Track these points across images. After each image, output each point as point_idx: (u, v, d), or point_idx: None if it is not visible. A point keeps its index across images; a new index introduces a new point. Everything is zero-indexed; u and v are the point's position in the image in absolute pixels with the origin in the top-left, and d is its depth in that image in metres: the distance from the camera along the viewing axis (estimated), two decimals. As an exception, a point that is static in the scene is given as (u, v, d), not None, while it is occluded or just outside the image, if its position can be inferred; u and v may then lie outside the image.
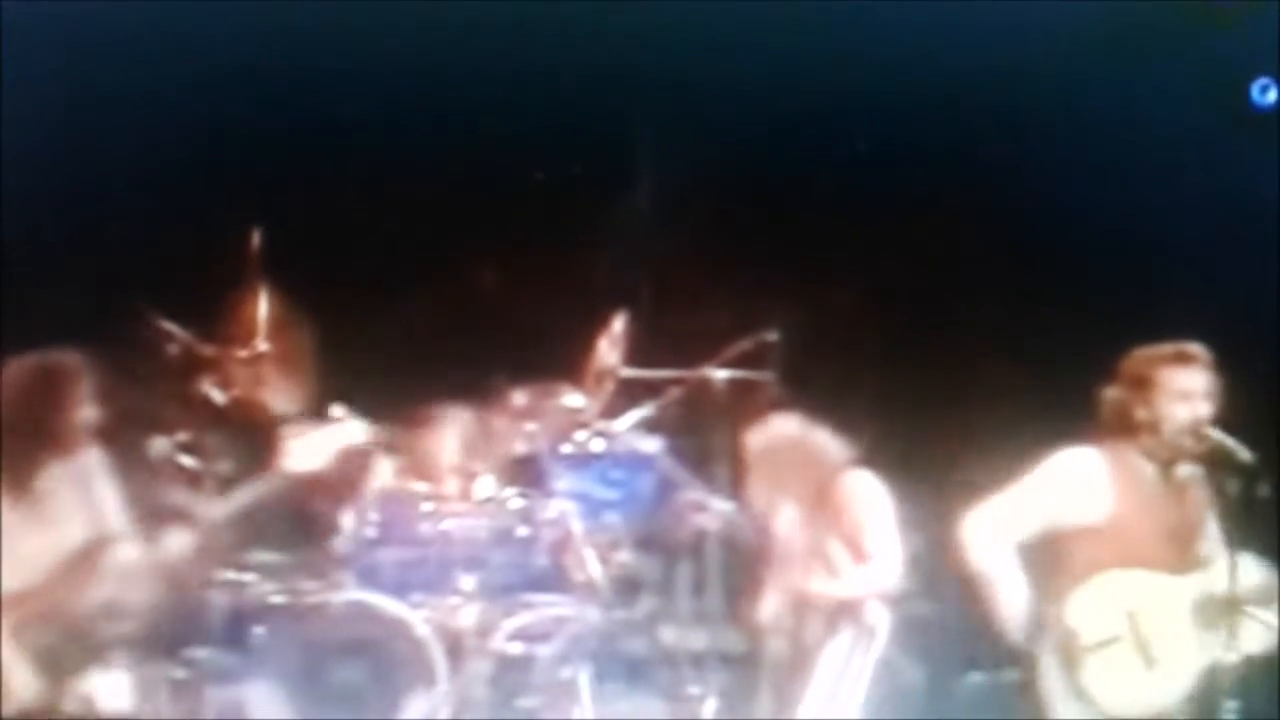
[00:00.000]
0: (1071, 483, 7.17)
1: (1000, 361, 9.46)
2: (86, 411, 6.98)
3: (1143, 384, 7.19)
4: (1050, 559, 7.18)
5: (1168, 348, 7.24)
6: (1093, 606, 7.06)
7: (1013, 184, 9.48)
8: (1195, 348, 7.24)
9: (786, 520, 8.14)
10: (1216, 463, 7.15)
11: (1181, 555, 7.13)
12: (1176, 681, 7.03)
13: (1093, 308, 9.27)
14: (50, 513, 6.92)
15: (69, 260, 9.08)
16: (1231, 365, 7.42)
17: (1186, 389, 7.16)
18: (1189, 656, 7.03)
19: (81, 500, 6.97)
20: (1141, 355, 7.27)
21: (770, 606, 8.10)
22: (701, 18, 9.16)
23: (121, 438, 7.64)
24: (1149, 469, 7.20)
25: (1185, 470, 7.21)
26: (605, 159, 9.66)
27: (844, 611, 7.88)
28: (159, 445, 7.88)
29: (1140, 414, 7.18)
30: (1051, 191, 9.53)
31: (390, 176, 9.53)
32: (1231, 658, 6.97)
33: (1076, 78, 9.25)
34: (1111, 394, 7.27)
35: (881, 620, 7.90)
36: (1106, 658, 7.03)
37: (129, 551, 6.92)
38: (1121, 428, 7.22)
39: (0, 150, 8.61)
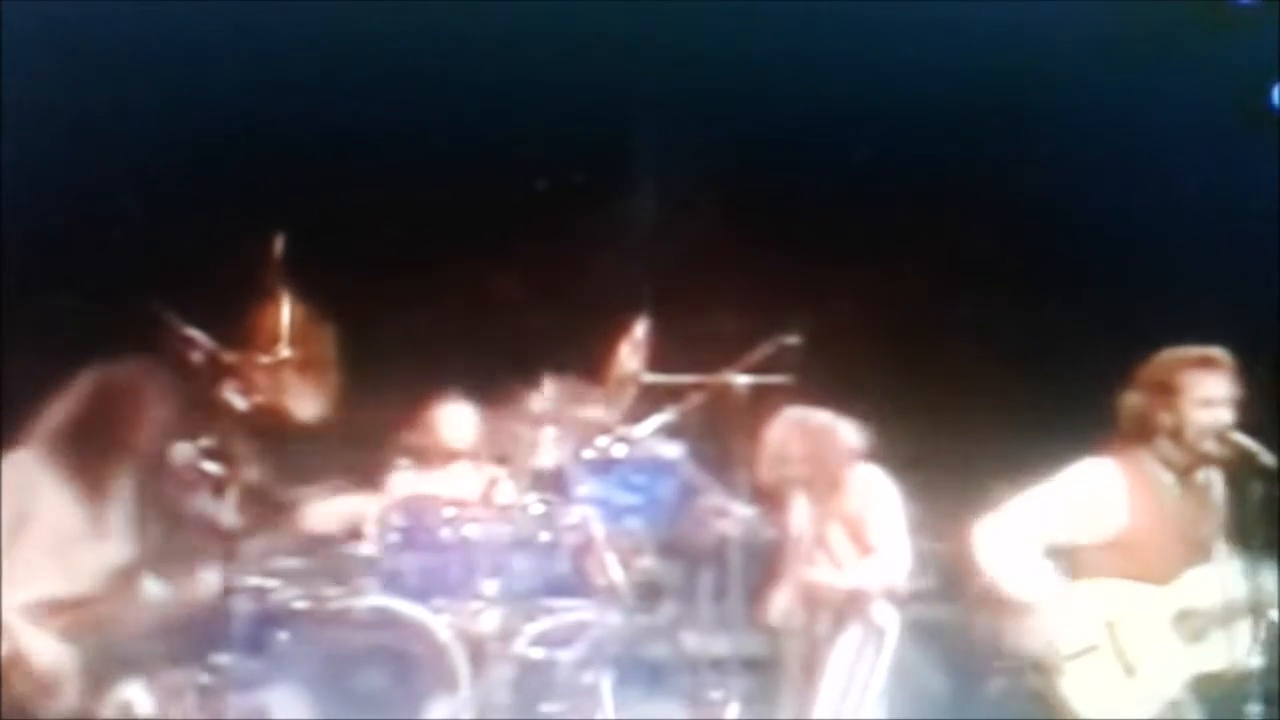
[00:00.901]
0: (1088, 495, 7.14)
1: (1018, 363, 9.47)
2: (155, 430, 7.06)
3: (1166, 389, 7.15)
4: (1061, 571, 7.17)
5: (1192, 352, 7.20)
6: (1071, 615, 7.06)
7: (1030, 187, 9.49)
8: (1219, 352, 7.20)
9: (796, 510, 8.17)
10: (1239, 467, 7.15)
11: (1189, 564, 7.12)
12: (1158, 691, 7.01)
13: (1111, 311, 9.28)
14: (110, 524, 6.98)
15: (89, 267, 9.12)
16: (1253, 368, 7.42)
17: (1210, 395, 7.12)
18: (1173, 665, 7.02)
19: (149, 515, 7.04)
20: (1164, 360, 7.23)
21: (783, 601, 8.12)
22: (701, 25, 9.18)
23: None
24: (1165, 477, 7.17)
25: (1202, 477, 7.19)
26: (615, 166, 9.69)
27: (851, 608, 7.91)
28: (182, 451, 7.90)
29: (1163, 419, 7.14)
30: (1069, 195, 9.55)
31: (408, 186, 9.57)
32: (1243, 663, 6.99)
33: (1093, 81, 9.26)
34: (1133, 399, 7.23)
35: (890, 619, 7.92)
36: (1085, 667, 7.03)
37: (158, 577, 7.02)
38: (1141, 433, 7.18)
39: (10, 155, 8.64)
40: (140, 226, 9.26)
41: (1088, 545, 7.10)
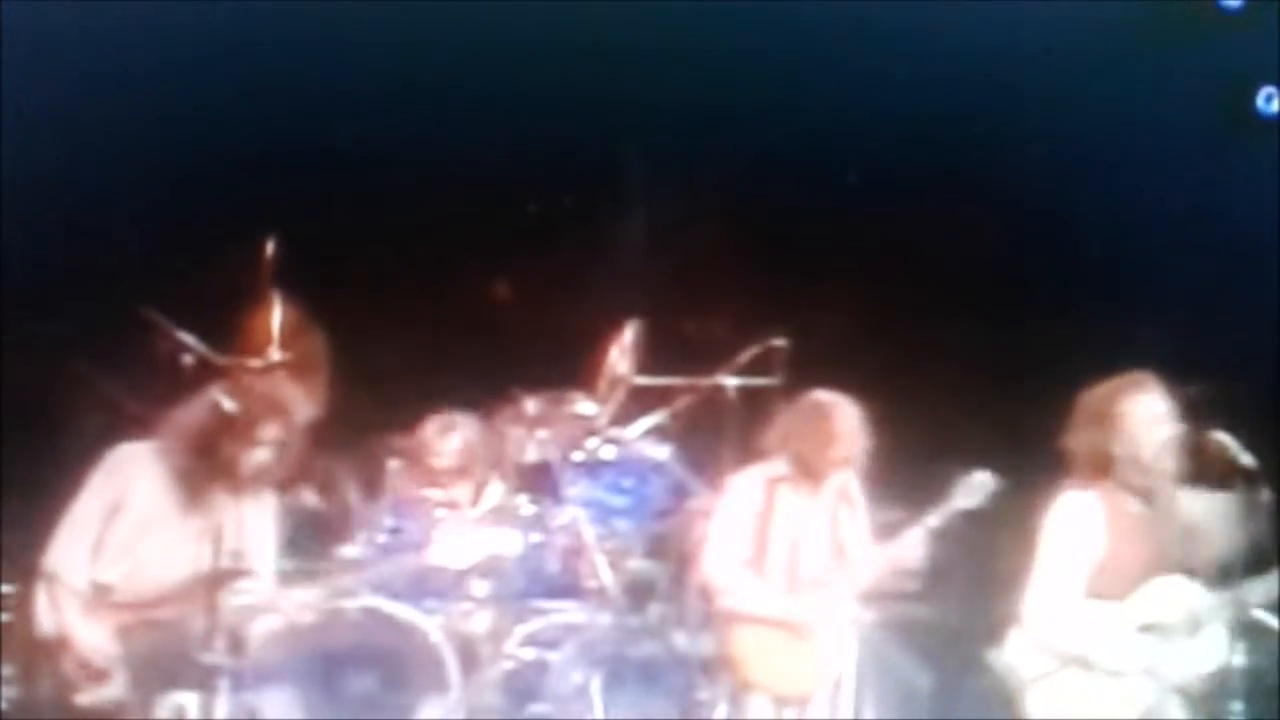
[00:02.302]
0: (1077, 530, 7.19)
1: (1004, 366, 9.49)
2: (261, 456, 7.11)
3: (1109, 420, 7.21)
4: None
5: (1117, 381, 7.27)
6: (1033, 640, 7.13)
7: (1015, 192, 9.52)
8: (1143, 374, 7.26)
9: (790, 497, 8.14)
10: (1220, 468, 7.19)
11: (1156, 577, 7.17)
12: (1129, 703, 7.07)
13: (1095, 311, 9.31)
14: (200, 536, 7.05)
15: (82, 272, 9.16)
16: (1234, 369, 7.46)
17: (1154, 413, 7.18)
18: (1140, 678, 7.08)
19: (233, 534, 7.10)
20: (1096, 396, 7.28)
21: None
22: (689, 51, 9.25)
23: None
24: (1132, 502, 7.22)
25: (1164, 494, 7.24)
26: (605, 189, 9.76)
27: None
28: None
29: (1117, 449, 7.19)
30: (1054, 201, 9.57)
31: (399, 209, 9.63)
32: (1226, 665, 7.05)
33: (1079, 87, 9.29)
34: (1080, 438, 7.26)
35: (861, 617, 7.95)
36: (1049, 689, 7.09)
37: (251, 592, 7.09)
38: (1100, 467, 7.22)
39: (9, 161, 8.70)
40: (134, 230, 9.30)
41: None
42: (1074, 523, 7.16)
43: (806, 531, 8.00)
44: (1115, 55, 9.25)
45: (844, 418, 7.96)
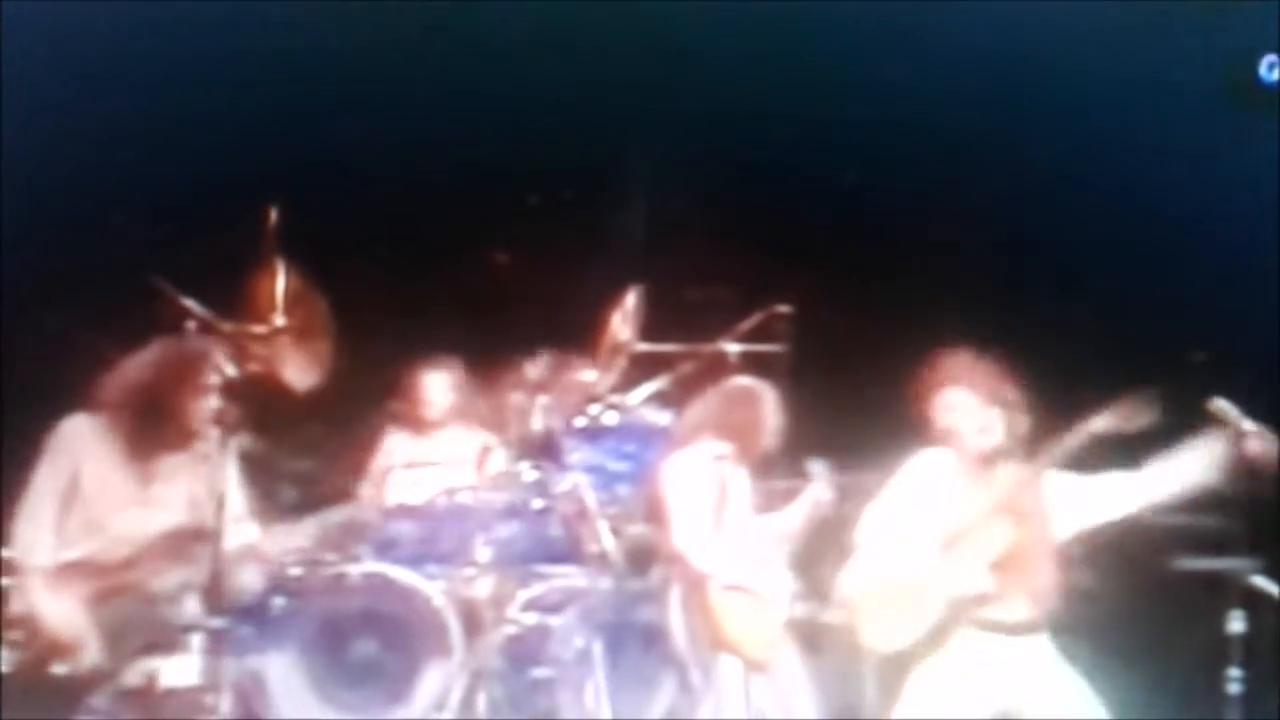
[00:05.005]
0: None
1: (1004, 335, 9.48)
2: (208, 402, 7.14)
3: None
4: None
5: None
6: None
7: (1017, 163, 9.52)
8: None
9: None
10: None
11: None
12: None
13: (1096, 285, 9.32)
14: (158, 496, 7.09)
15: (86, 238, 9.18)
16: (1237, 339, 7.48)
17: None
18: None
19: (190, 489, 7.13)
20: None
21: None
22: (690, 44, 9.26)
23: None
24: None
25: None
26: (607, 182, 9.78)
27: None
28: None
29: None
30: (1056, 173, 9.56)
31: (401, 200, 9.66)
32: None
33: (1081, 57, 9.28)
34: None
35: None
36: None
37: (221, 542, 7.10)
38: None
39: (11, 130, 8.72)
40: (138, 199, 9.32)
41: None
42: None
43: (749, 507, 8.13)
44: (1117, 25, 9.24)
45: (772, 403, 8.16)
